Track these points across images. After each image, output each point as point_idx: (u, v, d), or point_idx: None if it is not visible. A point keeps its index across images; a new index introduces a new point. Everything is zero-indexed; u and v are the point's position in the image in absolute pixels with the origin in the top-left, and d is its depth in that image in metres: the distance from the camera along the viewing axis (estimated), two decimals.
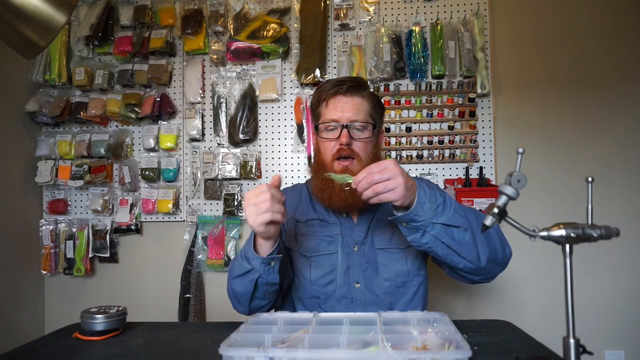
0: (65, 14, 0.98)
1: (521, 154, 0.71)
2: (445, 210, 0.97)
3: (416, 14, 2.09)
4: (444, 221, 0.96)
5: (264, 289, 1.05)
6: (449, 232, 0.97)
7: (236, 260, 1.07)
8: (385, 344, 0.74)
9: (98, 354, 0.90)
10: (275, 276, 1.03)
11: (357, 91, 1.16)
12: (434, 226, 0.96)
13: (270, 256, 1.00)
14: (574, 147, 2.03)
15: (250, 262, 1.01)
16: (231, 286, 1.08)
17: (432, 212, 0.95)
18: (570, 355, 0.68)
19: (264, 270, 1.01)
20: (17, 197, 2.13)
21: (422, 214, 0.95)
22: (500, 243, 1.05)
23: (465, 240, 0.98)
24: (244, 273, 1.03)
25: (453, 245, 0.98)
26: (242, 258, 1.04)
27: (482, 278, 1.07)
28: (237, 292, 1.07)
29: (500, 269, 1.07)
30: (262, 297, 1.07)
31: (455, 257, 1.00)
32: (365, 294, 1.15)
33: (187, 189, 2.18)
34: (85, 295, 2.24)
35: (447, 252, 1.00)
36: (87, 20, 2.15)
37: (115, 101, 2.14)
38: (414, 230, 0.98)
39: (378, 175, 0.92)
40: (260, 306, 1.10)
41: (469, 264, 1.00)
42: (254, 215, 0.93)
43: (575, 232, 0.69)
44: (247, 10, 2.15)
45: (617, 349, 1.98)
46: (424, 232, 0.97)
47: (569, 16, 2.05)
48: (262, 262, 1.00)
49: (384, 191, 0.91)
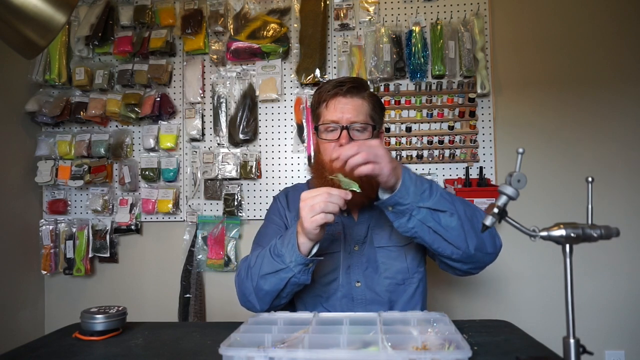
0: (65, 14, 0.98)
1: (521, 154, 0.71)
2: (432, 195, 0.98)
3: (416, 14, 2.09)
4: (429, 205, 0.97)
5: (292, 288, 1.05)
6: (435, 217, 0.98)
7: (264, 257, 1.05)
8: (385, 344, 0.74)
9: (98, 354, 0.90)
10: (308, 277, 1.03)
11: (357, 92, 1.16)
12: (420, 210, 0.97)
13: (312, 257, 1.01)
14: (574, 147, 2.03)
15: (285, 260, 1.00)
16: (258, 283, 1.05)
17: (418, 197, 0.96)
18: (570, 355, 0.68)
19: (300, 271, 1.01)
20: (17, 197, 2.13)
21: (407, 197, 0.95)
22: (490, 233, 1.05)
23: (452, 225, 0.98)
24: (276, 271, 1.02)
25: (440, 230, 0.98)
26: (274, 255, 1.02)
27: (470, 267, 1.07)
28: (265, 289, 1.04)
29: (489, 259, 1.07)
30: (286, 296, 1.07)
31: (442, 242, 1.00)
32: (366, 293, 1.16)
33: (187, 189, 2.18)
34: (85, 295, 2.24)
35: (433, 237, 1.00)
36: (87, 20, 2.15)
37: (115, 101, 2.14)
38: (400, 215, 0.98)
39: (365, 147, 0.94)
40: (279, 305, 1.09)
41: (457, 250, 1.00)
42: (309, 218, 0.94)
43: (575, 232, 0.69)
44: (247, 10, 2.15)
45: (617, 349, 1.98)
46: (410, 216, 0.97)
47: (569, 16, 2.05)
48: (301, 262, 0.99)
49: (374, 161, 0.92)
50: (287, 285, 1.03)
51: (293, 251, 0.99)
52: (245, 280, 1.08)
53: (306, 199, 0.96)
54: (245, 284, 1.08)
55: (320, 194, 0.94)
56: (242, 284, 1.09)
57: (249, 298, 1.08)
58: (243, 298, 1.10)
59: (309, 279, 1.03)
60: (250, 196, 2.15)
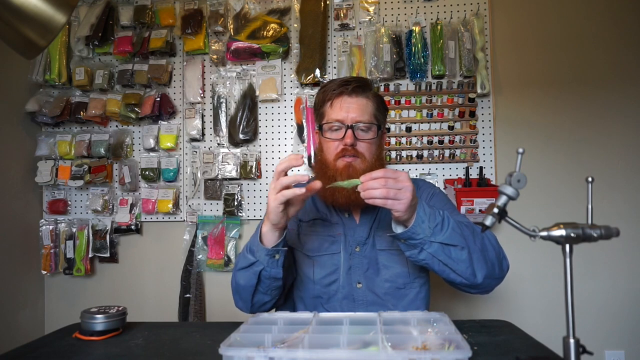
0: (65, 14, 0.98)
1: (521, 154, 0.71)
2: (444, 229, 0.97)
3: (416, 14, 2.09)
4: (441, 240, 0.97)
5: (267, 283, 1.06)
6: (445, 251, 0.98)
7: (242, 254, 1.09)
8: (385, 344, 0.74)
9: (98, 354, 0.90)
10: (278, 270, 1.04)
11: (363, 92, 1.16)
12: (432, 245, 0.97)
13: (275, 248, 1.02)
14: (574, 147, 2.03)
15: (255, 254, 1.03)
16: (235, 279, 1.10)
17: (431, 231, 0.96)
18: (570, 355, 0.68)
19: (268, 263, 1.03)
20: (17, 197, 2.13)
21: (420, 233, 0.96)
22: (498, 258, 1.05)
23: (462, 258, 0.99)
24: (248, 265, 1.05)
25: (449, 263, 0.99)
26: (247, 251, 1.06)
27: (478, 292, 1.09)
28: (240, 284, 1.08)
29: (496, 283, 1.08)
30: (264, 291, 1.08)
31: (451, 274, 1.01)
32: (367, 295, 1.16)
33: (187, 189, 2.18)
34: (85, 295, 2.24)
35: (443, 268, 1.01)
36: (87, 20, 2.15)
37: (115, 101, 2.14)
38: (411, 247, 0.99)
39: (392, 181, 0.92)
40: (263, 302, 1.11)
41: (465, 280, 1.01)
42: (274, 193, 0.95)
43: (575, 232, 0.69)
44: (247, 10, 2.15)
45: (617, 349, 1.98)
46: (422, 250, 0.98)
47: (569, 16, 2.05)
48: (267, 253, 1.02)
49: (393, 198, 0.91)
50: (261, 279, 1.05)
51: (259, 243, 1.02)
52: (232, 278, 1.13)
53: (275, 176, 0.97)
54: (232, 282, 1.13)
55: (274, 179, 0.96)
56: (232, 283, 1.14)
57: (234, 297, 1.13)
58: (233, 297, 1.15)
59: (280, 272, 1.05)
60: (250, 196, 2.15)
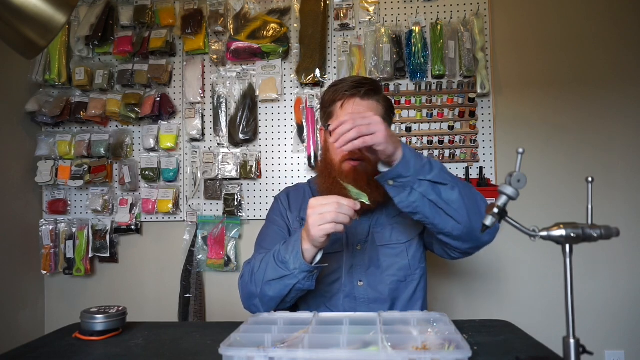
0: (65, 14, 0.98)
1: (521, 154, 0.71)
2: (433, 168, 0.97)
3: (416, 14, 2.09)
4: (431, 178, 0.96)
5: (296, 294, 1.05)
6: (436, 190, 0.97)
7: (268, 263, 1.04)
8: (385, 344, 0.74)
9: (98, 354, 0.90)
10: (312, 283, 1.03)
11: (374, 95, 1.16)
12: (421, 183, 0.96)
13: (316, 265, 1.00)
14: (574, 147, 2.03)
15: (289, 267, 1.00)
16: (262, 289, 1.05)
17: (419, 169, 0.96)
18: (570, 355, 0.68)
19: (304, 277, 1.00)
20: (17, 197, 2.13)
21: (408, 170, 0.95)
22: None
23: (453, 198, 0.98)
24: (280, 277, 1.01)
25: (441, 203, 0.98)
26: (278, 261, 1.02)
27: (469, 247, 1.06)
28: (270, 295, 1.04)
29: (488, 238, 1.06)
30: (290, 300, 1.07)
31: (443, 216, 0.99)
32: (368, 292, 1.16)
33: (187, 189, 2.18)
34: (85, 295, 2.24)
35: (435, 211, 0.98)
36: (87, 20, 2.15)
37: (115, 101, 2.14)
38: (401, 189, 0.97)
39: (360, 118, 0.93)
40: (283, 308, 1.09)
41: (458, 224, 0.99)
42: (317, 225, 0.93)
43: (575, 232, 0.69)
44: (247, 10, 2.15)
45: (617, 349, 1.98)
46: (412, 190, 0.96)
47: (569, 16, 2.05)
48: (305, 270, 0.99)
49: (367, 133, 0.91)
50: (291, 291, 1.03)
51: (297, 258, 0.99)
52: (250, 285, 1.08)
53: (315, 207, 0.95)
54: (249, 289, 1.08)
55: (330, 203, 0.94)
56: (246, 287, 1.09)
57: (254, 302, 1.08)
58: (248, 302, 1.11)
59: (314, 284, 1.03)
60: (250, 196, 2.15)
